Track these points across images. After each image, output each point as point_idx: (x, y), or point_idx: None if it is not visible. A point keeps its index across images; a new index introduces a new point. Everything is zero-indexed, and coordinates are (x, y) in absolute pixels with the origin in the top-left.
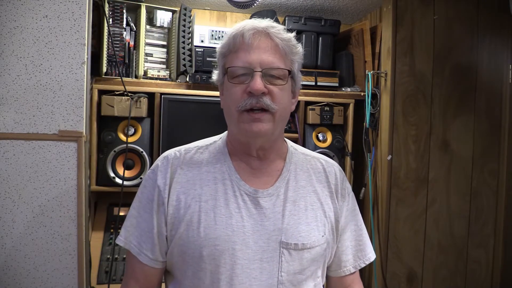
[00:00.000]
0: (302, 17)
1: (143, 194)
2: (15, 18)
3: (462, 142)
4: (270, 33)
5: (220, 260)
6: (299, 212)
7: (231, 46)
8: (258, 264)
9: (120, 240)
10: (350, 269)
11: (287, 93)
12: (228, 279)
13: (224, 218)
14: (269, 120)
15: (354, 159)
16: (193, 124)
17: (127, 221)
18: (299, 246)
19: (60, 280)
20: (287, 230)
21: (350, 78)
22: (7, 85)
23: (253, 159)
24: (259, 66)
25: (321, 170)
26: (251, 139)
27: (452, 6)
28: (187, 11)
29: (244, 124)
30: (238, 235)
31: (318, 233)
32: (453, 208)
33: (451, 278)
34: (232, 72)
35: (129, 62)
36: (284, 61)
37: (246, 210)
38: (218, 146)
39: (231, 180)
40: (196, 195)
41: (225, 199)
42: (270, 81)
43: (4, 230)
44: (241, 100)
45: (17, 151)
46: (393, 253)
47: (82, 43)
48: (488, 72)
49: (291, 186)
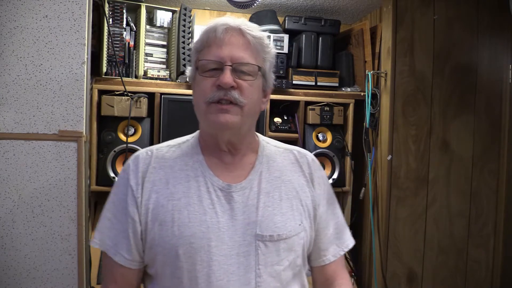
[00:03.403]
0: (302, 17)
1: (116, 195)
2: (15, 18)
3: (462, 142)
4: (242, 29)
5: (196, 258)
6: (273, 203)
7: (204, 41)
8: (235, 259)
9: (95, 242)
10: (329, 258)
11: (257, 89)
12: (205, 276)
13: (198, 215)
14: (237, 113)
15: (354, 159)
16: (193, 124)
17: (100, 223)
18: (274, 238)
19: (60, 280)
20: (262, 222)
21: (350, 78)
22: (7, 85)
23: (225, 154)
24: (230, 60)
25: (294, 160)
26: (219, 131)
27: (452, 6)
28: (187, 11)
29: (212, 115)
30: (213, 232)
31: (295, 223)
32: (453, 208)
33: (451, 278)
34: (203, 65)
35: (129, 62)
36: (255, 58)
37: (220, 205)
38: (191, 144)
39: (204, 177)
40: (169, 193)
41: (198, 196)
42: (240, 76)
43: (4, 230)
44: (209, 93)
45: (17, 151)
46: (393, 253)
47: (82, 43)
48: (488, 72)
49: (264, 178)
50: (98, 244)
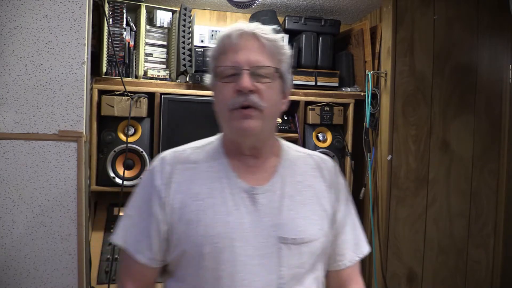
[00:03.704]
0: (302, 17)
1: (140, 195)
2: (15, 18)
3: (462, 142)
4: (256, 33)
5: (220, 258)
6: (296, 207)
7: (220, 48)
8: (258, 260)
9: (117, 239)
10: (345, 263)
11: (276, 91)
12: (229, 276)
13: (222, 215)
14: (258, 117)
15: (354, 159)
16: (193, 124)
17: (123, 221)
18: (297, 241)
19: (60, 280)
20: (285, 225)
21: (350, 78)
22: (7, 85)
23: (248, 157)
24: (247, 65)
25: (314, 166)
26: (242, 138)
27: (452, 6)
28: (187, 11)
29: (234, 122)
30: (237, 232)
31: (316, 227)
32: (453, 208)
33: (451, 278)
34: (221, 72)
35: (129, 62)
36: (271, 60)
37: (244, 207)
38: (214, 146)
39: (227, 178)
40: (194, 194)
41: (222, 197)
42: (258, 80)
43: (4, 230)
44: (230, 99)
45: (17, 151)
46: (393, 253)
47: (82, 43)
48: (488, 72)
49: (287, 182)
50: (120, 241)
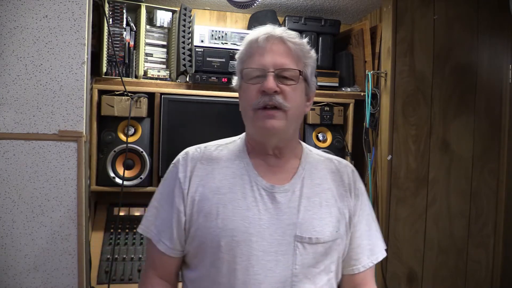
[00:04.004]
0: (302, 17)
1: (164, 186)
2: (15, 18)
3: (462, 142)
4: (283, 37)
5: (237, 251)
6: (313, 208)
7: (247, 51)
8: (273, 256)
9: (141, 228)
10: (359, 268)
11: (300, 93)
12: (244, 269)
13: (241, 210)
14: (282, 118)
15: (354, 159)
16: (193, 124)
17: (148, 212)
18: (313, 240)
19: (60, 280)
20: (302, 224)
21: (350, 78)
22: (7, 85)
23: (270, 157)
24: (272, 67)
25: (335, 170)
26: (266, 137)
27: (452, 6)
28: (187, 11)
29: (258, 121)
30: (254, 227)
31: (332, 229)
32: (453, 208)
33: (451, 278)
34: (247, 74)
35: (129, 62)
36: (297, 63)
37: (262, 204)
38: (237, 144)
39: (248, 176)
40: (215, 188)
41: (243, 193)
42: (283, 82)
43: (4, 230)
44: (255, 99)
45: (17, 151)
46: (393, 253)
47: (82, 43)
48: (488, 72)
49: (306, 184)
50: (144, 230)
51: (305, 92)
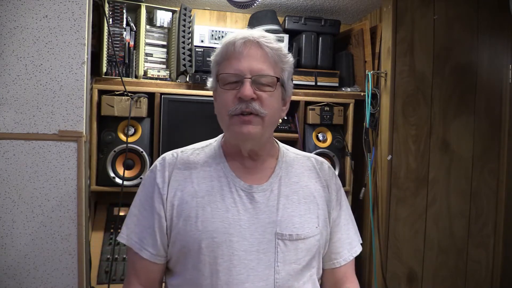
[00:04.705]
0: (302, 17)
1: (142, 193)
2: (15, 18)
3: (462, 142)
4: (260, 42)
5: (218, 252)
6: (292, 205)
7: (223, 54)
8: (255, 255)
9: (122, 237)
10: (340, 262)
11: (277, 99)
12: (226, 270)
13: (220, 212)
14: (259, 123)
15: (354, 159)
16: (193, 124)
17: (127, 220)
18: (293, 237)
19: (60, 280)
20: (282, 222)
21: (350, 78)
22: (7, 85)
23: (247, 159)
24: (249, 73)
25: (311, 167)
26: (241, 142)
27: (452, 6)
28: (187, 11)
29: (235, 127)
30: (234, 228)
31: (312, 225)
32: (453, 208)
33: (451, 278)
34: (223, 78)
35: (129, 62)
36: (274, 69)
37: (241, 204)
38: (214, 147)
39: (226, 177)
40: (193, 191)
41: (221, 195)
42: (260, 88)
43: (4, 230)
44: (232, 105)
45: (17, 151)
46: (393, 253)
47: (82, 43)
48: (488, 72)
49: (284, 182)
50: (125, 239)
51: (281, 97)
